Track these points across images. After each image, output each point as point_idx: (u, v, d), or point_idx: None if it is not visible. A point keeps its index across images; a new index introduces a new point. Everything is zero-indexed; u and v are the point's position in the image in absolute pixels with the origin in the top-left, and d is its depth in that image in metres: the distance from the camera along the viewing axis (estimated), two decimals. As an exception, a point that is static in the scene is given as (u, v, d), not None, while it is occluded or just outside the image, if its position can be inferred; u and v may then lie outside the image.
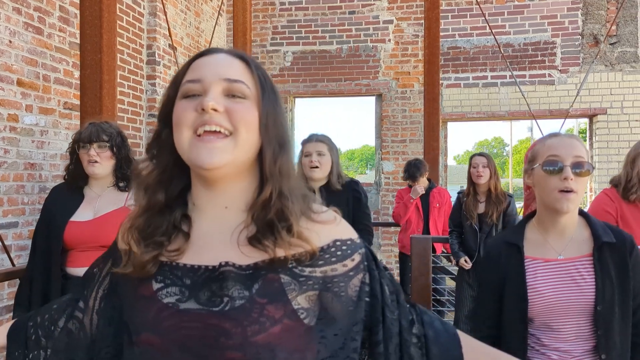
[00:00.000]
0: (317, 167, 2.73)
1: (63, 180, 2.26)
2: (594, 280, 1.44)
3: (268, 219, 0.80)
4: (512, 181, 17.25)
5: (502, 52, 6.84)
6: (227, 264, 0.79)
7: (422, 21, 6.22)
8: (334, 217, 0.86)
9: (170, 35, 4.88)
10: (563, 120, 5.97)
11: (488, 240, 3.72)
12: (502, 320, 1.52)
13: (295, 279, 0.79)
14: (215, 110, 0.79)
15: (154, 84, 5.53)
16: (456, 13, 7.13)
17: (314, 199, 0.87)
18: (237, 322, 0.76)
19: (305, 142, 2.84)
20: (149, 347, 0.79)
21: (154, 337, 0.79)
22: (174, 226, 0.84)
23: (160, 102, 0.88)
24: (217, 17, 6.03)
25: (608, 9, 6.87)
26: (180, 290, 0.80)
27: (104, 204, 2.16)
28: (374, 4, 7.29)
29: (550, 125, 6.30)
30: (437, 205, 4.83)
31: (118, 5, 3.62)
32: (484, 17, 5.84)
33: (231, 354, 0.75)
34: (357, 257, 0.84)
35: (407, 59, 7.21)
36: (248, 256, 0.80)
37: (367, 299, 0.84)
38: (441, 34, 6.93)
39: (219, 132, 0.80)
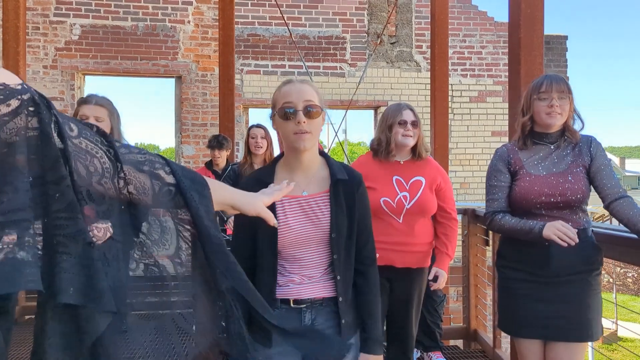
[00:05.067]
0: None
1: None
2: (329, 212, 1.63)
3: None
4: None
5: (299, 43, 7.21)
6: None
7: (221, 4, 6.21)
8: None
9: None
10: (345, 110, 6.52)
11: (240, 181, 3.89)
12: (256, 254, 1.64)
13: None
14: None
15: None
16: (255, 1, 7.28)
17: None
18: None
19: (81, 104, 2.57)
20: None
21: None
22: None
23: None
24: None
25: (389, 11, 7.69)
26: None
27: None
28: (173, -18, 7.06)
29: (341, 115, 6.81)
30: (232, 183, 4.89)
31: None
32: (279, 9, 6.06)
33: None
34: (14, 103, 0.81)
35: (208, 42, 7.13)
36: None
37: (36, 142, 0.82)
38: (241, 20, 7.04)
39: None
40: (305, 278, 1.65)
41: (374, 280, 1.72)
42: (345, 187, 1.67)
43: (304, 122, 1.57)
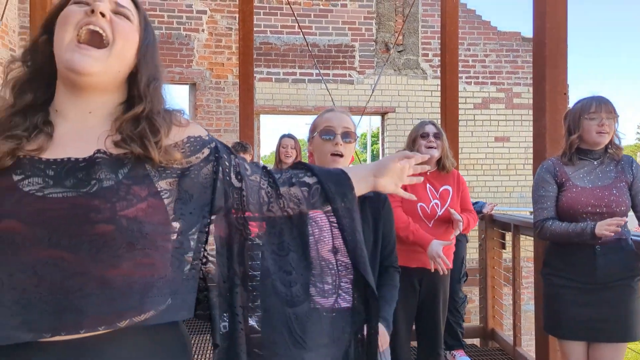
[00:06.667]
0: None
1: None
2: None
3: (139, 130, 0.89)
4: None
5: (310, 51, 7.40)
6: (99, 151, 0.87)
7: (236, 15, 6.39)
8: (188, 122, 0.99)
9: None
10: (360, 116, 6.71)
11: None
12: None
13: (156, 169, 0.90)
14: (103, 15, 0.88)
15: None
16: (267, 10, 7.46)
17: (180, 113, 1.00)
18: (106, 200, 0.82)
19: None
20: (10, 233, 0.79)
21: (15, 223, 0.79)
22: (36, 126, 0.88)
23: (49, 11, 0.93)
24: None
25: (396, 21, 7.90)
26: (43, 180, 0.83)
27: None
28: (187, -8, 7.23)
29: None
30: None
31: None
32: (294, 16, 6.24)
33: (102, 227, 0.80)
34: (206, 151, 0.98)
35: (221, 51, 7.30)
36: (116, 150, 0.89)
37: (219, 185, 0.98)
38: (254, 29, 7.21)
39: (100, 35, 0.88)
40: None
41: (396, 278, 1.90)
42: (372, 204, 1.84)
43: (341, 144, 1.75)
